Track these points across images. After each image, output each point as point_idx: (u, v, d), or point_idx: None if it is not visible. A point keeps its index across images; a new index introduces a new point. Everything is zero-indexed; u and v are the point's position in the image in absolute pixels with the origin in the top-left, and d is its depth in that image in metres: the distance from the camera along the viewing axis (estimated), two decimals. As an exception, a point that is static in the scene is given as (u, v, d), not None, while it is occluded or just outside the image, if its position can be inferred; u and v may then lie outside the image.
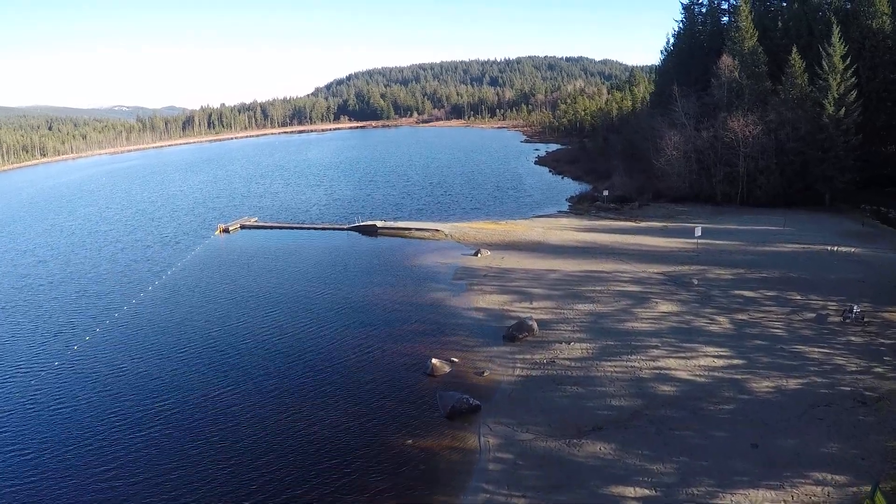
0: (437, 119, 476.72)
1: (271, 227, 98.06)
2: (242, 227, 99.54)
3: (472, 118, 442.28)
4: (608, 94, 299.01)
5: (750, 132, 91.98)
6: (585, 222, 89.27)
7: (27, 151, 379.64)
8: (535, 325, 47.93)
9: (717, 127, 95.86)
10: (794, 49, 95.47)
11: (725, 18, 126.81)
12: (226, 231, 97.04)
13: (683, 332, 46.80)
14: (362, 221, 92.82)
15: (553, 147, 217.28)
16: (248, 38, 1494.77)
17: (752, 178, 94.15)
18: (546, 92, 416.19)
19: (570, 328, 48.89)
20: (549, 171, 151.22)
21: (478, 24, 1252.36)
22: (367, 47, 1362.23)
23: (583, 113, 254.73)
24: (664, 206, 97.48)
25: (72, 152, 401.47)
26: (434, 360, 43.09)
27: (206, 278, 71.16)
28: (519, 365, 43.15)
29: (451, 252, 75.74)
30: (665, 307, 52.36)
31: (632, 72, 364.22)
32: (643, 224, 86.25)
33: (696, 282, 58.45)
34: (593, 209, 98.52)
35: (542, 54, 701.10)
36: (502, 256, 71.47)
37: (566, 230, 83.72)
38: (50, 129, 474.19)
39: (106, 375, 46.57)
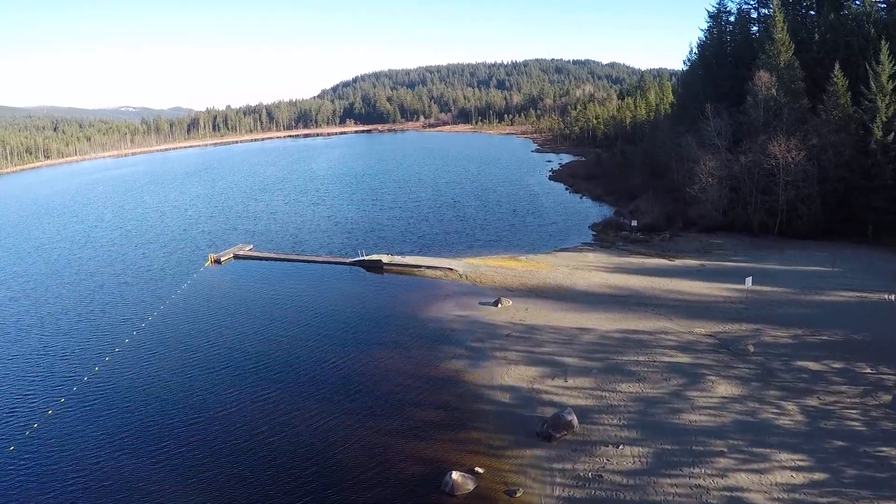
0: (444, 123, 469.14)
1: (267, 259, 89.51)
2: (236, 256, 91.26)
3: (480, 123, 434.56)
4: (619, 99, 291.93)
5: (792, 158, 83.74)
6: (614, 259, 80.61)
7: (31, 153, 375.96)
8: (574, 420, 39.44)
9: (755, 151, 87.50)
10: (837, 65, 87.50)
11: (755, 28, 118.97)
12: (217, 262, 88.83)
13: (750, 429, 38.58)
14: (366, 255, 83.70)
15: (566, 158, 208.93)
16: (253, 40, 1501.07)
17: (791, 207, 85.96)
18: (555, 97, 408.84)
19: (615, 421, 40.47)
20: (566, 189, 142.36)
21: (483, 25, 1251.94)
22: (373, 49, 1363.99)
23: (595, 121, 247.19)
24: (697, 238, 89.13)
25: (76, 155, 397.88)
26: (454, 475, 34.70)
27: (186, 333, 62.39)
28: (558, 479, 34.83)
29: (466, 300, 66.99)
30: (723, 388, 44.05)
31: (641, 76, 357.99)
32: (678, 262, 77.72)
33: (751, 348, 50.22)
34: (619, 240, 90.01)
35: (548, 57, 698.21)
36: (526, 307, 62.90)
37: (594, 270, 75.15)
38: (55, 130, 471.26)
39: (65, 469, 39.04)
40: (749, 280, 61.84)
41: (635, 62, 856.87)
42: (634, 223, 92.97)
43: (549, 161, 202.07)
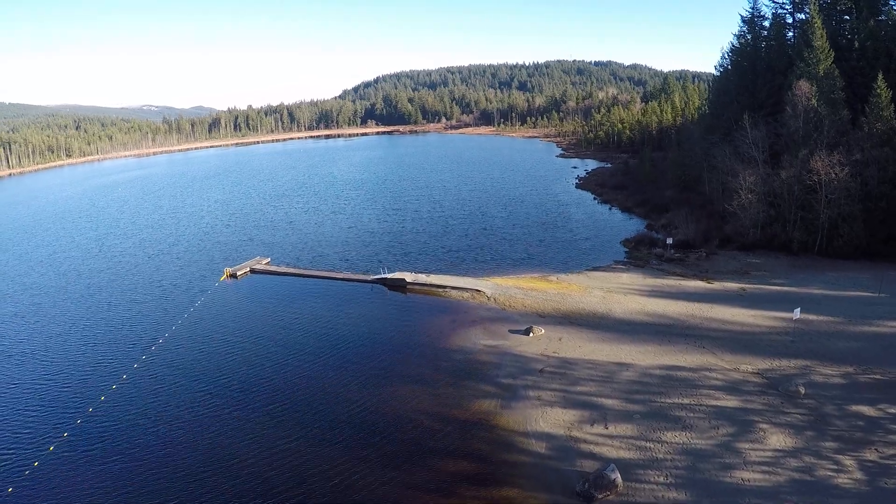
0: (466, 125, 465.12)
1: (284, 274, 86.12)
2: (252, 270, 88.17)
3: (502, 125, 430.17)
4: (642, 102, 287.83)
5: (836, 174, 79.54)
6: (649, 281, 76.45)
7: (53, 152, 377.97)
8: (617, 478, 35.82)
9: (797, 166, 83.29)
10: (880, 75, 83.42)
11: (790, 34, 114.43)
12: (233, 276, 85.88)
13: (808, 489, 35.07)
14: (389, 273, 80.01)
15: (591, 164, 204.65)
16: (275, 41, 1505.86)
17: (832, 226, 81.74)
18: (577, 99, 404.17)
19: (662, 479, 36.78)
20: (594, 199, 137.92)
21: (504, 25, 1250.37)
22: (394, 49, 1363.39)
23: (620, 125, 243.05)
24: (734, 257, 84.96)
25: (97, 154, 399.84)
26: (488, 548, 31.35)
27: (196, 360, 58.87)
28: (604, 554, 31.37)
29: (496, 327, 62.94)
30: (776, 439, 40.29)
31: (665, 78, 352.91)
32: (717, 285, 73.62)
33: (802, 389, 46.30)
34: (653, 258, 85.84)
35: (570, 58, 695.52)
36: (560, 337, 59.05)
37: (630, 293, 71.15)
38: (77, 128, 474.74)
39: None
40: (797, 311, 57.95)
41: (657, 64, 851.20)
42: (670, 241, 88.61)
43: (574, 167, 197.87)
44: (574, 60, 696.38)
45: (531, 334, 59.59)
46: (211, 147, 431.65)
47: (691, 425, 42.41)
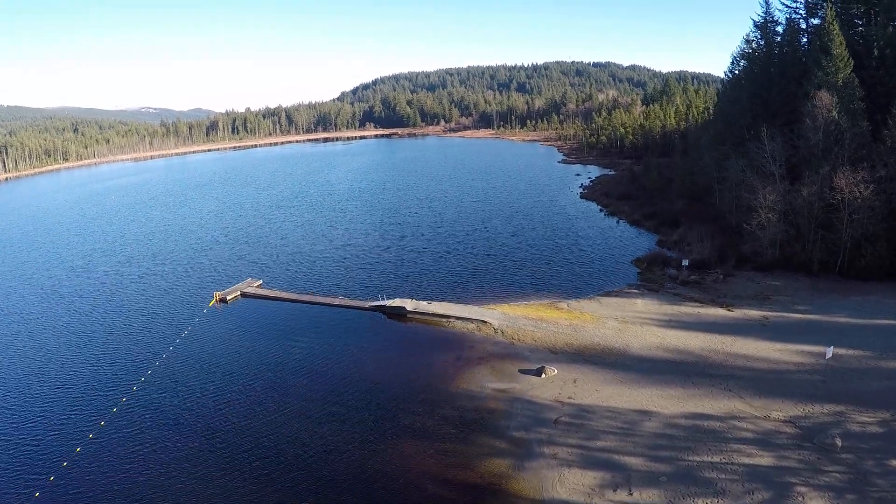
0: (465, 128, 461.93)
1: (276, 299, 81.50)
2: (243, 294, 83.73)
3: (502, 128, 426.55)
4: (643, 105, 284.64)
5: (860, 192, 75.22)
6: (666, 308, 71.79)
7: (49, 156, 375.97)
8: (650, 566, 31.65)
9: (819, 183, 78.90)
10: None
11: (804, 39, 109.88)
12: (223, 301, 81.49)
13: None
14: (388, 300, 75.32)
15: (594, 170, 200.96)
16: (273, 43, 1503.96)
17: (855, 245, 77.42)
18: (577, 101, 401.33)
19: (699, 565, 32.51)
20: (600, 210, 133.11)
21: (501, 26, 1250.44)
22: (392, 51, 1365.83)
23: (622, 129, 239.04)
24: (752, 279, 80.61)
25: (94, 157, 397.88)
26: None
27: (179, 403, 54.11)
28: None
29: (504, 365, 58.23)
30: (816, 507, 36.07)
31: (665, 81, 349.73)
32: (737, 313, 69.12)
33: (839, 441, 42.07)
34: (668, 281, 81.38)
35: (568, 59, 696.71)
36: (574, 378, 54.39)
37: (646, 324, 66.54)
38: (75, 131, 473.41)
39: None
40: (830, 350, 53.76)
41: (656, 65, 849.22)
42: (686, 262, 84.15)
43: (577, 175, 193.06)
44: (573, 61, 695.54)
45: (543, 375, 55.01)
46: (208, 151, 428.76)
47: (724, 490, 38.07)
